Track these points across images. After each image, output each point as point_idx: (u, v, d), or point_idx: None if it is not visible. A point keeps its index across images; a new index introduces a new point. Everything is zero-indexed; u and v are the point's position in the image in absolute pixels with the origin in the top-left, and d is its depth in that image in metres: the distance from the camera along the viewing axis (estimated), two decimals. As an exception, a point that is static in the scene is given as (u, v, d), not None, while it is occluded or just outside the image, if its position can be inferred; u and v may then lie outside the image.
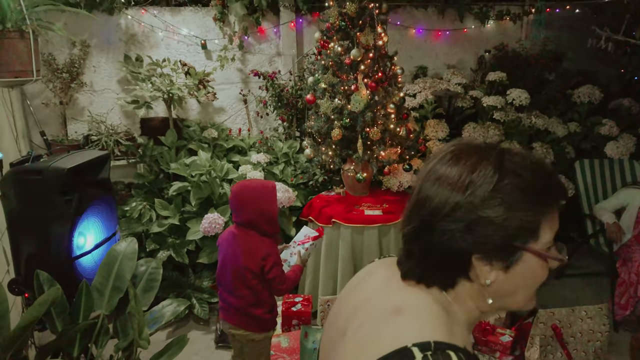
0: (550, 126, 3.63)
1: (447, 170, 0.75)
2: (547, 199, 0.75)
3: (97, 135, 3.39)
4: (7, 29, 1.56)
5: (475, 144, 0.78)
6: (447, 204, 0.73)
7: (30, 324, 1.62)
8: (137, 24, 3.61)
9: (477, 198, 0.72)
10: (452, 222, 0.73)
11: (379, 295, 0.81)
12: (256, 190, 2.00)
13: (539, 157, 0.78)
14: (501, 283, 0.76)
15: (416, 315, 0.74)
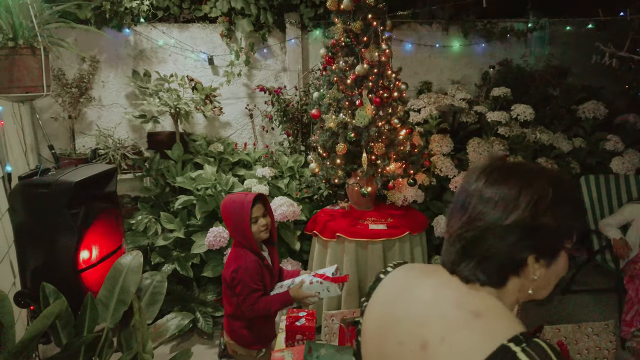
0: (555, 141, 3.63)
1: (499, 185, 0.88)
2: (578, 206, 0.92)
3: (105, 149, 3.43)
4: (19, 46, 1.60)
5: (512, 163, 0.93)
6: (508, 217, 0.85)
7: (35, 336, 1.63)
8: (146, 40, 3.67)
9: (538, 209, 0.85)
10: (513, 231, 0.85)
11: (445, 305, 0.86)
12: (231, 203, 2.05)
13: (563, 173, 0.92)
14: (543, 277, 0.90)
15: (495, 315, 0.83)
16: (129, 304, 1.99)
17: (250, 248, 2.05)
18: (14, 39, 1.61)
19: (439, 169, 3.27)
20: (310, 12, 3.80)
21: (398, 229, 2.88)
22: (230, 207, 2.04)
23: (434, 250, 3.33)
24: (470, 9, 4.21)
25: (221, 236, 2.93)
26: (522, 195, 0.85)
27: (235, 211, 2.02)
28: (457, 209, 0.91)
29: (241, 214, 2.01)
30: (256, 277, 2.04)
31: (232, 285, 2.05)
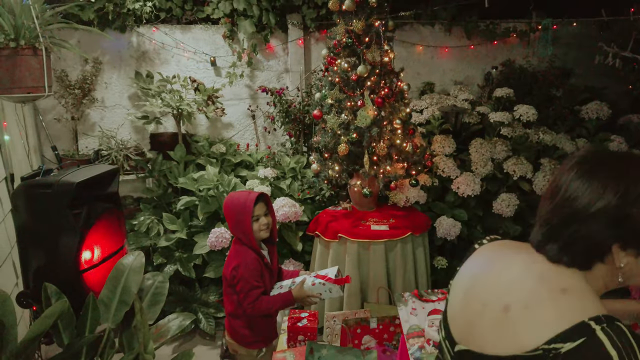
0: (558, 142, 3.62)
1: (589, 176, 0.91)
2: None
3: (108, 150, 3.44)
4: (21, 46, 1.61)
5: (609, 153, 0.95)
6: (594, 205, 0.88)
7: (37, 336, 1.64)
8: (149, 42, 3.68)
9: (627, 199, 0.87)
10: (598, 219, 0.88)
11: (533, 278, 0.93)
12: (234, 201, 2.07)
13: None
14: (631, 266, 0.92)
15: (581, 294, 0.89)
16: (130, 304, 1.99)
17: (250, 246, 2.07)
18: (15, 39, 1.62)
19: (441, 170, 3.26)
20: (312, 13, 3.80)
21: (400, 230, 2.87)
22: (232, 204, 2.06)
23: (436, 251, 3.32)
24: (473, 9, 4.20)
25: (223, 237, 2.93)
26: (611, 185, 0.88)
27: (238, 208, 2.04)
28: (547, 196, 0.97)
29: (243, 211, 2.03)
30: (256, 274, 2.05)
31: (232, 283, 2.07)
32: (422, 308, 2.56)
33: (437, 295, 2.65)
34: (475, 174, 3.27)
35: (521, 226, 3.27)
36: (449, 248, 3.39)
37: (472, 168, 3.31)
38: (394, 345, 2.63)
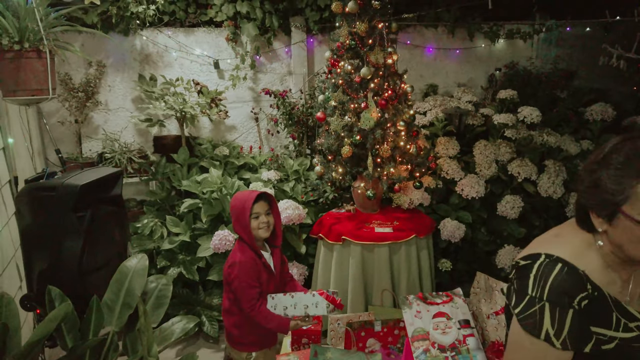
0: (563, 144, 3.60)
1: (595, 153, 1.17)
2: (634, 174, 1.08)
3: (111, 153, 3.44)
4: (25, 49, 1.61)
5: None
6: (583, 174, 1.16)
7: (41, 339, 1.63)
8: (152, 45, 3.69)
9: (602, 167, 1.10)
10: (581, 186, 1.16)
11: (557, 229, 1.26)
12: (237, 197, 2.10)
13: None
14: (610, 233, 1.12)
15: (564, 240, 1.19)
16: (134, 307, 1.98)
17: (249, 244, 2.07)
18: (20, 42, 1.62)
19: (445, 172, 3.25)
20: (315, 16, 3.80)
21: (404, 232, 2.86)
22: (235, 200, 2.10)
23: (440, 254, 3.31)
24: (476, 11, 4.20)
25: (227, 239, 2.92)
26: (592, 156, 1.15)
27: (239, 205, 2.06)
28: (578, 181, 1.21)
29: (243, 207, 2.04)
30: (252, 274, 2.04)
31: (228, 281, 2.08)
32: (426, 311, 2.54)
33: (442, 298, 2.63)
34: (479, 176, 3.26)
35: (526, 228, 3.25)
36: (454, 250, 3.38)
37: (476, 170, 3.30)
38: (399, 348, 2.61)
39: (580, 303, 1.14)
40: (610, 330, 1.17)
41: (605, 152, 1.13)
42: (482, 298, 2.82)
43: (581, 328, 1.15)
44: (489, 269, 3.13)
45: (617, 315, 1.17)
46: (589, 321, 1.16)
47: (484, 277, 2.87)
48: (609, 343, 1.16)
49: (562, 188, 3.23)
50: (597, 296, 1.15)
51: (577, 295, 1.13)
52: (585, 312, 1.14)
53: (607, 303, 1.16)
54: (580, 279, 1.14)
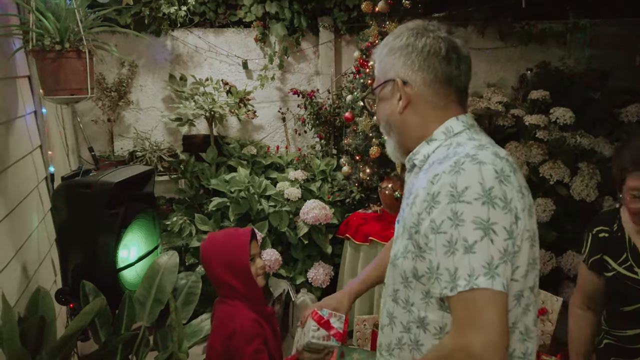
0: (597, 146, 3.50)
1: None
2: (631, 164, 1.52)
3: (142, 152, 3.51)
4: (66, 49, 1.66)
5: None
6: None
7: (76, 332, 1.68)
8: (182, 45, 3.75)
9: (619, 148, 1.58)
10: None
11: None
12: (221, 237, 1.67)
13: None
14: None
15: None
16: (165, 303, 2.02)
17: (246, 299, 1.60)
18: (60, 42, 1.67)
19: (475, 174, 3.20)
20: (343, 16, 3.80)
21: (432, 234, 2.83)
22: (220, 241, 1.65)
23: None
24: (507, 10, 4.12)
25: (254, 238, 2.94)
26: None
27: (229, 245, 1.62)
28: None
29: (237, 246, 1.60)
30: (258, 341, 1.55)
31: (227, 357, 1.57)
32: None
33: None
34: (509, 178, 3.20)
35: (557, 232, 3.18)
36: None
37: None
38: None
39: (598, 234, 1.61)
40: (615, 262, 1.55)
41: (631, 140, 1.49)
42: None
43: (595, 250, 1.61)
44: (518, 273, 3.07)
45: (629, 256, 1.52)
46: (603, 249, 1.59)
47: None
48: (610, 272, 1.57)
49: (596, 191, 3.14)
50: (618, 235, 1.57)
51: (598, 226, 1.62)
52: (602, 240, 1.60)
53: (623, 243, 1.55)
54: (611, 219, 1.61)
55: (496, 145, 1.07)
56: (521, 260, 0.96)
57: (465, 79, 1.09)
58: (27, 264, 2.08)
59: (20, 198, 2.06)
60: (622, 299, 1.54)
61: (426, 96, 1.07)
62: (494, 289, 0.89)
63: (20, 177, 2.10)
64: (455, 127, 1.08)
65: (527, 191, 1.03)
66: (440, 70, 1.05)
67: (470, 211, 0.91)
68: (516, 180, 0.98)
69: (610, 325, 1.63)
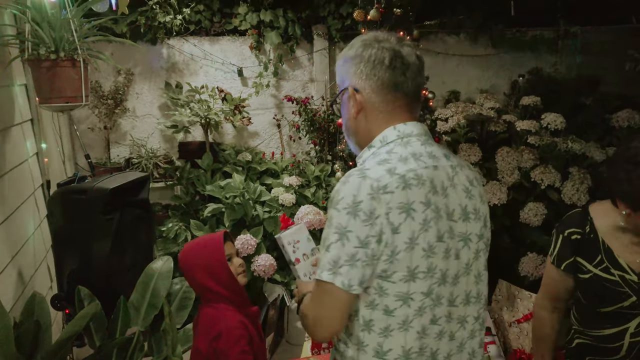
0: (588, 151, 3.54)
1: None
2: (625, 180, 1.43)
3: (138, 159, 3.54)
4: (60, 58, 1.70)
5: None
6: (618, 169, 1.47)
7: (71, 337, 1.70)
8: (178, 53, 3.79)
9: (636, 167, 1.40)
10: (614, 177, 1.48)
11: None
12: (196, 244, 1.69)
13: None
14: (632, 217, 1.46)
15: (607, 201, 1.61)
16: (159, 308, 2.04)
17: (230, 301, 1.61)
18: (55, 51, 1.71)
19: (467, 179, 3.24)
20: (337, 24, 3.85)
21: (425, 239, 2.86)
22: (196, 248, 1.67)
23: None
24: (499, 18, 4.18)
25: (249, 243, 2.97)
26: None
27: (205, 250, 1.63)
28: (609, 172, 1.54)
29: (212, 250, 1.61)
30: (243, 342, 1.55)
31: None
32: (447, 317, 2.54)
33: (463, 305, 2.62)
34: (501, 182, 3.23)
35: (549, 236, 3.20)
36: (475, 258, 3.35)
37: (498, 177, 3.27)
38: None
39: (570, 236, 1.59)
40: (590, 264, 1.54)
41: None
42: (504, 306, 2.80)
43: (567, 252, 1.59)
44: (512, 276, 3.09)
45: (603, 257, 1.52)
46: (576, 251, 1.58)
47: (506, 284, 2.86)
48: (586, 274, 1.55)
49: (587, 195, 3.18)
50: (591, 237, 1.56)
51: (570, 228, 1.60)
52: (574, 242, 1.58)
53: (597, 245, 1.54)
54: (582, 220, 1.59)
55: (412, 160, 1.11)
56: (400, 266, 1.07)
57: (412, 85, 1.16)
58: (23, 269, 2.10)
59: (16, 204, 2.09)
60: (600, 300, 1.54)
61: (374, 102, 1.16)
62: (334, 284, 1.06)
63: (17, 184, 2.13)
64: (389, 137, 1.16)
65: (424, 207, 1.08)
66: (386, 78, 1.14)
67: (337, 217, 1.07)
68: (404, 196, 1.06)
69: (585, 325, 1.61)
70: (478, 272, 1.19)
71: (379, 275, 1.08)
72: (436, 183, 1.11)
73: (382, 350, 1.12)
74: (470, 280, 1.17)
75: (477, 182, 1.21)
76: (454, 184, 1.14)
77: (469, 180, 1.18)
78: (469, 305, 1.18)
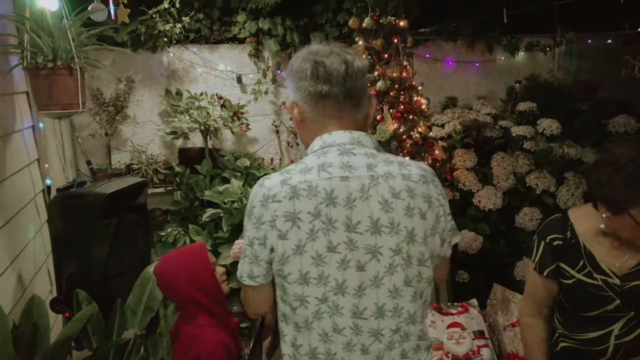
0: (584, 156, 3.57)
1: None
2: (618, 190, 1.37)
3: (138, 165, 3.59)
4: (58, 66, 1.75)
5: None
6: (600, 174, 1.44)
7: (68, 338, 1.73)
8: (178, 61, 3.85)
9: (617, 172, 1.38)
10: (595, 181, 1.46)
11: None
12: (178, 255, 1.63)
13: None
14: (613, 220, 1.43)
15: (586, 205, 1.60)
16: (155, 311, 2.08)
17: (211, 314, 1.53)
18: (53, 60, 1.76)
19: (462, 183, 3.27)
20: (334, 32, 3.90)
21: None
22: (179, 259, 1.60)
23: (456, 265, 3.31)
24: (496, 24, 4.22)
25: (246, 248, 3.00)
26: (624, 165, 1.36)
27: (189, 260, 1.58)
28: (592, 176, 1.49)
29: (197, 259, 1.57)
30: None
31: None
32: (441, 321, 2.57)
33: (457, 309, 2.65)
34: (496, 187, 3.27)
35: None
36: (472, 262, 3.38)
37: (493, 182, 3.31)
38: (414, 358, 2.63)
39: (552, 242, 1.57)
40: (573, 270, 1.54)
41: (622, 161, 1.36)
42: (498, 309, 2.82)
43: (549, 259, 1.57)
44: (508, 280, 3.11)
45: (586, 262, 1.52)
46: (558, 257, 1.56)
47: (501, 288, 2.88)
48: (569, 279, 1.55)
49: (582, 200, 3.21)
50: (572, 242, 1.54)
51: (551, 234, 1.57)
52: (556, 248, 1.56)
53: (579, 250, 1.53)
54: (562, 226, 1.57)
55: (315, 171, 1.14)
56: (292, 269, 1.14)
57: (342, 90, 1.16)
58: (23, 273, 2.14)
59: (16, 209, 2.13)
60: (585, 305, 1.54)
61: (307, 112, 1.21)
62: (242, 276, 1.21)
63: (17, 189, 2.18)
64: (315, 146, 1.21)
65: (312, 217, 1.11)
66: (311, 88, 1.17)
67: (244, 219, 1.20)
68: (291, 206, 1.12)
69: (570, 329, 1.61)
70: (394, 287, 1.15)
71: (279, 275, 1.16)
72: (337, 194, 1.11)
73: (296, 343, 1.20)
74: (382, 294, 1.14)
75: (410, 194, 1.14)
76: (368, 195, 1.12)
77: (393, 192, 1.13)
78: (384, 319, 1.16)
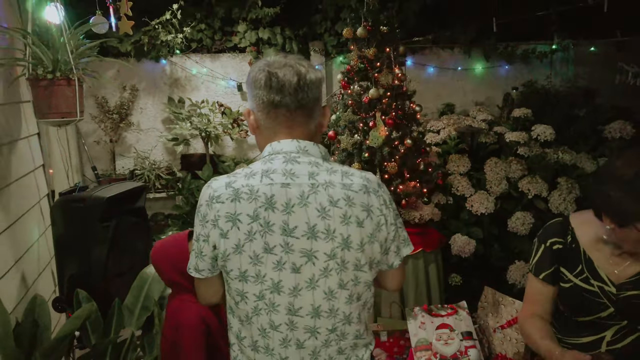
0: (579, 162, 3.61)
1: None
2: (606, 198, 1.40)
3: (141, 170, 3.70)
4: (57, 77, 1.86)
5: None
6: (605, 186, 1.42)
7: (68, 335, 1.82)
8: (181, 70, 3.97)
9: (623, 186, 1.37)
10: (599, 193, 1.44)
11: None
12: (164, 243, 1.80)
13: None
14: (617, 231, 1.40)
15: (589, 211, 1.54)
16: (152, 310, 2.16)
17: (192, 292, 1.58)
18: (52, 72, 1.87)
19: (456, 188, 3.33)
20: (333, 41, 4.00)
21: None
22: (164, 245, 1.78)
23: (450, 269, 3.37)
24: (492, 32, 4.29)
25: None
26: (634, 179, 1.34)
27: (171, 248, 1.74)
28: (594, 188, 1.51)
29: (177, 246, 1.72)
30: (200, 342, 1.65)
31: (173, 346, 1.69)
32: (431, 322, 2.63)
33: (447, 311, 2.71)
34: (489, 192, 3.32)
35: (538, 245, 3.27)
36: (466, 266, 3.43)
37: (486, 187, 3.36)
38: (404, 358, 2.69)
39: (552, 245, 1.59)
40: (571, 274, 1.56)
41: (628, 176, 1.34)
42: (489, 312, 2.88)
43: (547, 262, 1.59)
44: (500, 284, 3.16)
45: (584, 267, 1.54)
46: (558, 261, 1.58)
47: (492, 291, 2.93)
48: (566, 283, 1.57)
49: (574, 205, 3.25)
50: (572, 247, 1.56)
51: (552, 238, 1.59)
52: (556, 252, 1.58)
53: (578, 255, 1.55)
54: (563, 230, 1.59)
55: (258, 176, 1.21)
56: (233, 266, 1.23)
57: (292, 100, 1.22)
58: (27, 273, 2.24)
59: (21, 212, 2.24)
60: (579, 309, 1.55)
61: (261, 120, 1.27)
62: (189, 269, 1.31)
63: (23, 193, 2.29)
64: (265, 153, 1.28)
65: (251, 219, 1.19)
66: (265, 98, 1.23)
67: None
68: (232, 208, 1.19)
69: (564, 333, 1.63)
70: (329, 289, 1.21)
71: (224, 270, 1.25)
72: (276, 200, 1.18)
73: (240, 335, 1.29)
74: (317, 295, 1.21)
75: (348, 202, 1.19)
76: (307, 202, 1.18)
77: (331, 200, 1.18)
78: (320, 319, 1.22)
